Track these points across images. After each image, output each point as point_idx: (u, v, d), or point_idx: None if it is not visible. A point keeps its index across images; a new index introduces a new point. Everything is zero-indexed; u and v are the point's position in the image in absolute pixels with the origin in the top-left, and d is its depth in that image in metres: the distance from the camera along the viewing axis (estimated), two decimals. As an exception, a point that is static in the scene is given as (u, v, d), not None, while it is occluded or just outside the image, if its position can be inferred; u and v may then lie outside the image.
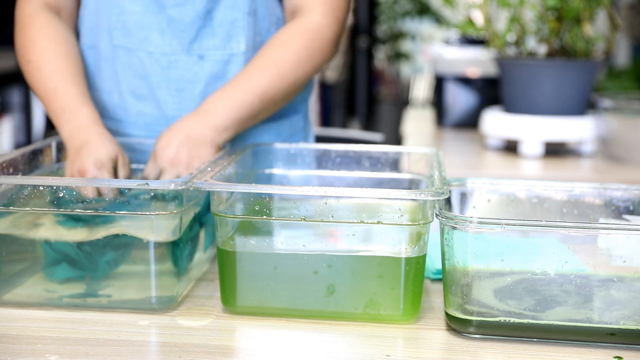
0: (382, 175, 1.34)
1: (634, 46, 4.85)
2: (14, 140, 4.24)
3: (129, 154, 1.39)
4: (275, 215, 1.05)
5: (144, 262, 1.07)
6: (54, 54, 1.34)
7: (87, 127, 1.28)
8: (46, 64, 1.33)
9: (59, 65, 1.34)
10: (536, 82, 2.26)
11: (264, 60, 1.35)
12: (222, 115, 1.29)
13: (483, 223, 0.97)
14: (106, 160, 1.24)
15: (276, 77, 1.33)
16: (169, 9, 1.38)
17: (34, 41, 1.36)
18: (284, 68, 1.34)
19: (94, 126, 1.28)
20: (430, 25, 7.32)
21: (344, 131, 4.01)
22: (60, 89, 1.31)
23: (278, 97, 1.35)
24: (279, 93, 1.35)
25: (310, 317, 1.05)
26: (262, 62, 1.34)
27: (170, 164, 1.26)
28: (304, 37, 1.37)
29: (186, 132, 1.27)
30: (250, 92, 1.32)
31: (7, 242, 1.10)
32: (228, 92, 1.31)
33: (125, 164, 1.28)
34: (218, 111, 1.29)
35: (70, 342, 0.97)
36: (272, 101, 1.35)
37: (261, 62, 1.35)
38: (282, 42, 1.36)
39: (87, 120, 1.28)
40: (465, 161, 2.35)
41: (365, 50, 5.90)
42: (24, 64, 1.37)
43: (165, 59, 1.40)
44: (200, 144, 1.27)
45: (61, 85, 1.32)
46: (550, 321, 0.98)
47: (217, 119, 1.29)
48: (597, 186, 1.17)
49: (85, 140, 1.26)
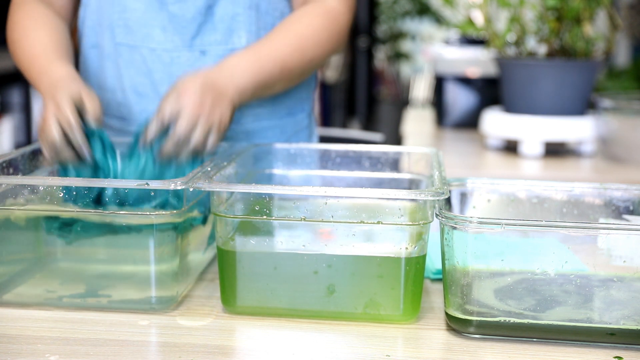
0: (382, 175, 1.34)
1: (634, 46, 4.85)
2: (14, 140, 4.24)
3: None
4: (275, 215, 1.05)
5: (144, 262, 1.07)
6: (36, 29, 1.37)
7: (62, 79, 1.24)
8: (27, 38, 1.36)
9: (40, 37, 1.36)
10: (536, 82, 2.26)
11: (287, 33, 1.36)
12: (243, 76, 1.28)
13: (483, 223, 0.97)
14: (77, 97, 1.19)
15: (297, 50, 1.34)
16: (170, 5, 1.39)
17: (18, 23, 1.40)
18: (305, 44, 1.35)
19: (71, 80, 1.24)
20: (430, 25, 7.32)
21: (344, 131, 4.01)
22: (40, 56, 1.33)
23: (296, 70, 1.36)
24: (297, 66, 1.35)
25: (310, 317, 1.05)
26: (284, 34, 1.35)
27: (193, 106, 1.17)
28: (325, 18, 1.39)
29: (213, 78, 1.22)
30: (272, 59, 1.32)
31: (7, 242, 1.10)
32: (251, 56, 1.31)
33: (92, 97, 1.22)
34: (240, 72, 1.28)
35: (70, 342, 0.97)
36: (290, 73, 1.35)
37: (284, 33, 1.36)
38: (305, 19, 1.38)
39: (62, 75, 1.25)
40: (465, 161, 2.35)
41: (365, 50, 5.90)
42: (10, 46, 1.40)
43: (167, 56, 1.41)
44: (224, 96, 1.22)
45: (40, 53, 1.33)
46: (550, 321, 0.98)
47: (239, 79, 1.27)
48: (597, 186, 1.17)
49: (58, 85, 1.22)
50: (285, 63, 1.33)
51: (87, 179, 1.13)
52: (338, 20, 1.40)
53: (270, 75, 1.32)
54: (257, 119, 1.48)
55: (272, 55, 1.32)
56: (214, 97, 1.20)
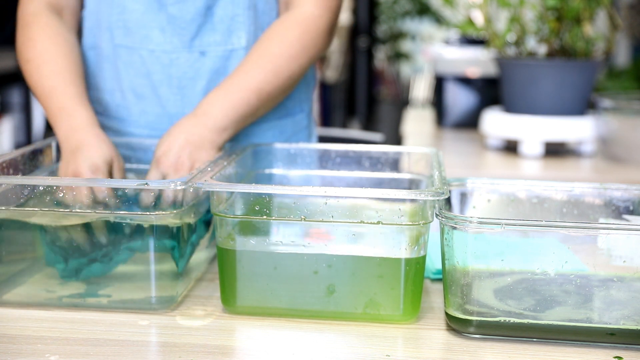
0: (382, 175, 1.34)
1: (634, 46, 4.85)
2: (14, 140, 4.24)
3: (130, 153, 1.39)
4: (275, 215, 1.05)
5: (144, 262, 1.07)
6: (54, 54, 1.34)
7: (82, 128, 1.26)
8: (45, 63, 1.33)
9: (58, 66, 1.33)
10: (536, 82, 2.26)
11: (258, 56, 1.34)
12: (219, 116, 1.29)
13: (483, 223, 0.97)
14: (101, 164, 1.22)
15: (271, 73, 1.33)
16: (170, 6, 1.38)
17: (34, 40, 1.36)
18: (278, 63, 1.33)
19: (90, 127, 1.27)
20: (430, 25, 7.32)
21: (344, 131, 4.01)
22: (58, 88, 1.31)
23: (274, 92, 1.35)
24: (274, 88, 1.34)
25: (310, 317, 1.05)
26: (256, 58, 1.34)
27: (174, 169, 1.24)
28: (296, 29, 1.36)
29: (185, 136, 1.26)
30: (246, 89, 1.31)
31: (7, 242, 1.10)
32: (224, 92, 1.31)
33: (120, 168, 1.27)
34: (215, 112, 1.29)
35: (70, 342, 0.97)
36: (268, 97, 1.34)
37: (255, 58, 1.34)
38: (275, 35, 1.36)
39: (83, 121, 1.27)
40: (465, 161, 2.35)
41: (365, 50, 5.91)
42: (24, 63, 1.37)
43: (166, 57, 1.40)
44: (201, 147, 1.26)
45: (59, 85, 1.31)
46: (550, 321, 0.98)
47: (215, 121, 1.28)
48: (597, 186, 1.17)
49: (81, 141, 1.24)
50: (261, 90, 1.32)
51: (87, 179, 1.13)
52: (314, 27, 1.37)
53: (249, 106, 1.31)
54: (255, 121, 1.47)
55: (247, 85, 1.31)
56: (191, 152, 1.25)
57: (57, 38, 1.37)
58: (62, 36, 1.37)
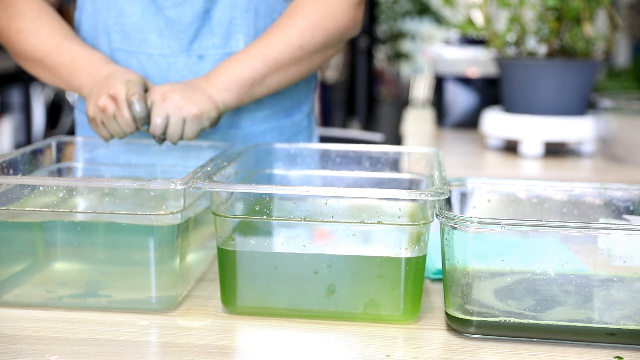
0: (382, 175, 1.34)
1: (634, 46, 4.85)
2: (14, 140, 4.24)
3: (127, 155, 1.39)
4: (275, 215, 1.05)
5: (144, 262, 1.07)
6: (47, 20, 1.36)
7: (107, 62, 1.31)
8: (41, 27, 1.35)
9: (56, 27, 1.35)
10: (536, 82, 2.26)
11: (270, 28, 1.36)
12: (219, 75, 1.29)
13: (483, 223, 0.97)
14: (135, 77, 1.25)
15: (281, 40, 1.32)
16: (167, 10, 1.38)
17: (23, 12, 1.37)
18: (289, 32, 1.33)
19: (114, 63, 1.31)
20: (430, 25, 7.32)
21: (344, 131, 4.01)
22: (64, 43, 1.33)
23: (283, 60, 1.33)
24: (283, 56, 1.32)
25: (310, 317, 1.05)
26: (268, 30, 1.35)
27: (162, 97, 1.24)
28: (312, 3, 1.36)
29: (185, 81, 1.29)
30: (252, 54, 1.31)
31: (7, 242, 1.10)
32: (228, 59, 1.32)
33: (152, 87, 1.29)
34: (216, 72, 1.30)
35: (70, 342, 0.97)
36: (276, 65, 1.32)
37: (268, 30, 1.36)
38: (292, 9, 1.37)
39: (104, 59, 1.31)
40: (465, 161, 2.35)
41: (365, 50, 5.91)
42: (13, 36, 1.36)
43: (164, 61, 1.40)
44: (197, 91, 1.27)
45: (64, 41, 1.33)
46: (550, 321, 0.98)
47: (215, 78, 1.29)
48: (597, 186, 1.17)
49: (110, 71, 1.28)
50: (266, 55, 1.31)
51: (87, 179, 1.13)
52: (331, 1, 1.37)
53: (253, 70, 1.30)
54: (255, 122, 1.47)
55: (252, 50, 1.32)
56: (185, 90, 1.25)
57: (45, 8, 1.38)
58: (49, 10, 1.39)
